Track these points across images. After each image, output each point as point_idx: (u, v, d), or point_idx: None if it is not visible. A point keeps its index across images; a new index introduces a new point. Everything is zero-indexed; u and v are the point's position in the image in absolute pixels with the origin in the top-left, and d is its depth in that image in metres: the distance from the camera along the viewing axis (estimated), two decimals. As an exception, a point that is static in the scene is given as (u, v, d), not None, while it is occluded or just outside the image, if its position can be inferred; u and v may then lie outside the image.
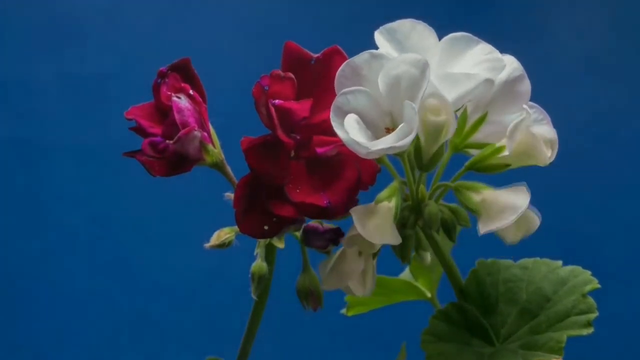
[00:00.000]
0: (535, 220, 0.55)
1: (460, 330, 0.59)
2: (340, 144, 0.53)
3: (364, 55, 0.53)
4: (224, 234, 0.59)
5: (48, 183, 1.40)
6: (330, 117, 0.51)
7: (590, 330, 0.57)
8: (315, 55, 0.56)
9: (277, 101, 0.53)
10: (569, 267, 0.61)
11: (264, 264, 0.60)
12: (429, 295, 0.71)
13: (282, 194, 0.53)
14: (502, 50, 0.54)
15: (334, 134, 0.53)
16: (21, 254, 1.38)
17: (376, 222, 0.53)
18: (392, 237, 0.53)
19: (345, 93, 0.52)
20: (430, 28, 0.54)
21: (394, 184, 0.55)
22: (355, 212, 0.53)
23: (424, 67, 0.50)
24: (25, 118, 1.42)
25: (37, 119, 1.42)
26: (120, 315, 1.38)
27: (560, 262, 0.61)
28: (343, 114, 0.51)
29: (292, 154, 0.54)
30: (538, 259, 0.62)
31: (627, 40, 1.42)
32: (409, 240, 0.56)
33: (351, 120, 0.51)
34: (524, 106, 0.54)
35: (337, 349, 1.35)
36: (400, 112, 0.51)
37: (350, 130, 0.51)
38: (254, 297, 0.61)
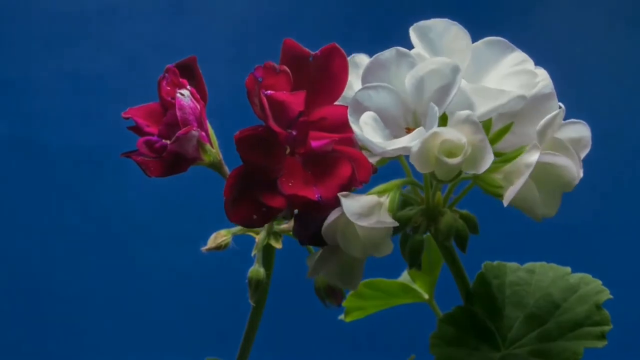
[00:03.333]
0: (569, 170, 0.51)
1: (468, 334, 0.58)
2: (336, 139, 0.53)
3: (392, 52, 0.52)
4: (221, 236, 0.59)
5: (48, 183, 1.40)
6: (348, 111, 0.51)
7: (604, 342, 0.56)
8: (313, 53, 0.55)
9: (269, 92, 0.52)
10: (579, 275, 0.60)
11: (261, 269, 0.60)
12: (426, 297, 0.70)
13: (274, 187, 0.52)
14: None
15: (332, 132, 0.53)
16: (20, 253, 1.38)
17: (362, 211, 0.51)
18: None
19: (367, 88, 0.51)
20: (465, 30, 0.53)
21: (395, 182, 0.54)
22: (342, 195, 0.51)
23: (455, 72, 0.49)
24: (25, 118, 1.42)
25: (37, 119, 1.41)
26: (120, 315, 1.37)
27: (569, 269, 0.60)
28: (362, 109, 0.51)
29: (288, 150, 0.53)
30: (544, 263, 0.61)
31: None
32: (421, 246, 0.54)
33: (367, 117, 0.50)
34: (559, 104, 0.53)
35: (337, 352, 1.35)
36: (424, 112, 0.50)
37: (365, 128, 0.50)
38: (251, 302, 0.60)
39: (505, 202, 0.51)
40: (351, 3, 1.45)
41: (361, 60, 0.56)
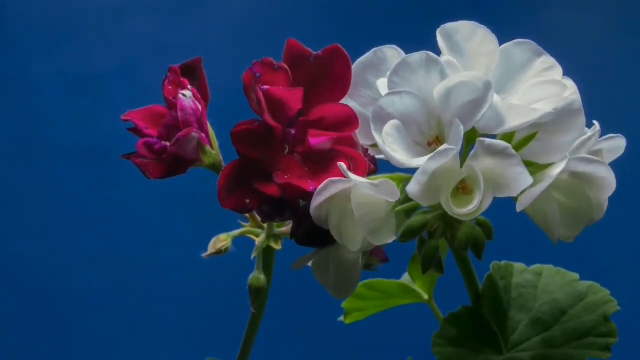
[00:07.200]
0: (605, 181, 0.50)
1: (471, 335, 0.58)
2: (334, 137, 0.53)
3: (421, 55, 0.51)
4: (220, 241, 0.59)
5: (48, 183, 1.40)
6: (371, 118, 0.50)
7: (609, 355, 0.55)
8: (315, 53, 0.55)
9: (265, 86, 0.53)
10: (587, 283, 0.59)
11: (262, 276, 0.59)
12: (426, 297, 0.70)
13: (269, 179, 0.53)
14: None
15: (331, 131, 0.53)
16: (21, 254, 1.38)
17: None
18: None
19: (392, 94, 0.50)
20: (492, 34, 0.53)
21: (399, 174, 0.53)
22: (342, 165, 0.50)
23: (488, 89, 0.49)
24: (25, 118, 1.41)
25: (37, 119, 1.41)
26: (120, 316, 1.37)
27: (577, 275, 0.60)
28: (385, 116, 0.50)
29: (287, 150, 0.53)
30: (552, 266, 0.60)
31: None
32: (435, 252, 0.53)
33: (390, 128, 0.50)
34: (594, 122, 0.53)
35: (337, 354, 1.35)
36: (450, 122, 0.50)
37: (387, 139, 0.49)
38: (252, 309, 0.60)
39: (519, 208, 0.50)
40: (353, 3, 1.45)
41: (384, 54, 0.55)
